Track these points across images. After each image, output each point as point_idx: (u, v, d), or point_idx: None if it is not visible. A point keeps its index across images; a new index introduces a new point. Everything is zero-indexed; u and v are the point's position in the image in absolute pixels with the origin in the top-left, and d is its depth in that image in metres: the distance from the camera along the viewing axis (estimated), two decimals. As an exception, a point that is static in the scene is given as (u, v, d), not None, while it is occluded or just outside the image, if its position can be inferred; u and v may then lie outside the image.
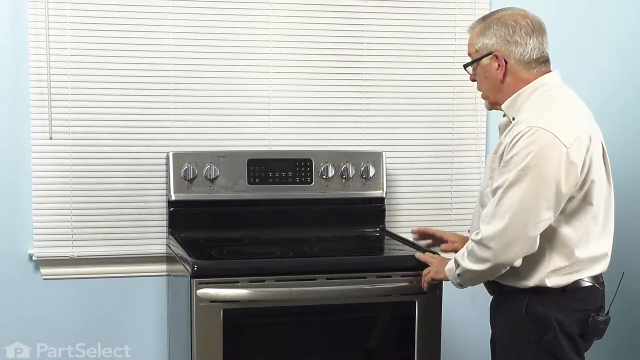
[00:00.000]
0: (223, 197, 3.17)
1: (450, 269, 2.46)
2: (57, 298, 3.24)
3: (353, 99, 3.41)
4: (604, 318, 2.35)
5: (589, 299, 2.35)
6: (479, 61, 2.40)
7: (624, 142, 3.60)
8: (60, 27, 3.11)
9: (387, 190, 3.33)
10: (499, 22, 2.37)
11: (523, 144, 2.21)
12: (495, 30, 2.36)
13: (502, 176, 2.26)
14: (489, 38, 2.37)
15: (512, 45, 2.34)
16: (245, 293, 2.64)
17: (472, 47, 2.43)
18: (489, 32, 2.37)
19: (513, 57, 2.35)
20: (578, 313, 2.32)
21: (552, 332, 2.31)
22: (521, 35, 2.34)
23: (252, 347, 2.75)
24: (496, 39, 2.36)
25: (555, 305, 2.31)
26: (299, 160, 3.25)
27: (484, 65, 2.40)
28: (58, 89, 3.13)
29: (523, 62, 2.36)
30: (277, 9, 3.30)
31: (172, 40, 3.22)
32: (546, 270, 2.30)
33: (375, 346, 2.84)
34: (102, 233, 3.22)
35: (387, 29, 3.41)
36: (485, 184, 2.42)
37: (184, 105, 3.26)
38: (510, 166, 2.24)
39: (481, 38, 2.39)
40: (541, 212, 2.21)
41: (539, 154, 2.19)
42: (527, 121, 2.25)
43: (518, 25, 2.35)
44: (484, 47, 2.38)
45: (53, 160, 3.16)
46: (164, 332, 3.33)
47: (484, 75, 2.41)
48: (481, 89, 2.47)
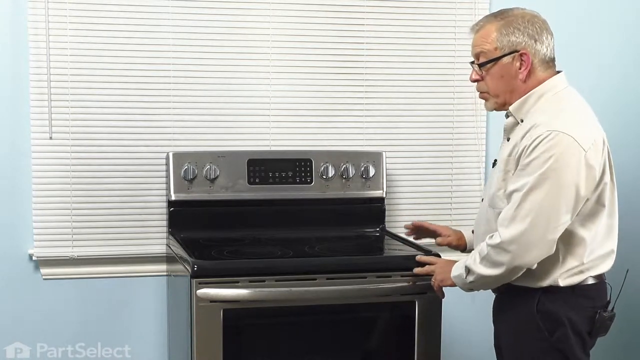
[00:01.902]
0: (223, 197, 3.17)
1: (459, 275, 2.43)
2: (57, 298, 3.24)
3: (353, 99, 3.40)
4: (610, 314, 2.35)
5: (597, 296, 2.36)
6: (499, 60, 2.32)
7: (627, 140, 3.61)
8: (60, 27, 3.11)
9: (387, 190, 3.33)
10: (523, 19, 2.30)
11: (544, 147, 2.19)
12: (523, 27, 2.29)
13: (520, 179, 2.24)
14: (515, 35, 2.29)
15: (539, 43, 2.30)
16: (245, 293, 2.64)
17: (490, 45, 2.31)
18: (513, 28, 2.29)
19: (537, 56, 2.31)
20: (587, 310, 2.33)
21: (561, 329, 2.31)
22: (544, 34, 2.31)
23: (252, 347, 2.75)
24: (523, 36, 2.29)
25: (565, 303, 2.31)
26: (299, 160, 3.25)
27: (504, 64, 2.32)
28: (58, 89, 3.13)
29: (544, 62, 2.33)
30: (277, 9, 3.30)
31: (172, 40, 3.22)
32: (560, 271, 2.30)
33: (375, 346, 2.84)
34: (102, 233, 3.22)
35: (387, 29, 3.40)
36: (498, 186, 2.37)
37: (184, 105, 3.26)
38: (529, 169, 2.22)
39: (505, 35, 2.29)
40: (561, 216, 2.21)
41: (559, 158, 2.18)
42: (546, 124, 2.22)
43: (541, 23, 2.31)
44: (509, 44, 2.29)
45: (53, 160, 3.16)
46: (164, 332, 3.33)
47: (499, 74, 2.33)
48: (492, 88, 2.37)
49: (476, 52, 2.38)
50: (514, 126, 2.37)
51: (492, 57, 2.33)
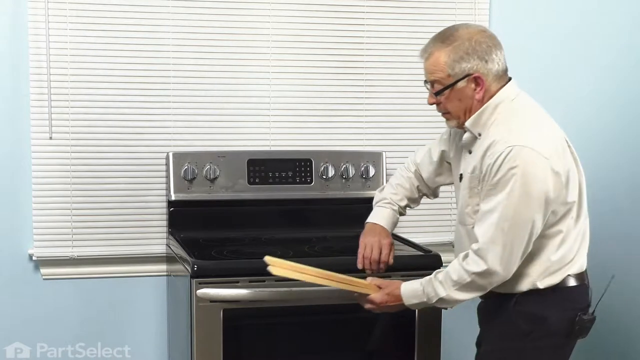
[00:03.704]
0: (223, 197, 3.17)
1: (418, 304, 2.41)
2: (57, 298, 3.24)
3: (353, 99, 3.40)
4: (590, 317, 2.35)
5: (577, 298, 2.36)
6: (454, 85, 2.31)
7: (627, 140, 3.62)
8: (60, 27, 3.11)
9: (387, 190, 3.33)
10: (470, 42, 2.27)
11: (507, 165, 2.19)
12: (471, 50, 2.27)
13: (491, 200, 2.24)
14: (465, 61, 2.27)
15: (490, 62, 2.28)
16: (245, 293, 2.64)
17: (442, 72, 2.30)
18: (463, 53, 2.27)
19: (490, 75, 2.30)
20: (567, 312, 2.33)
21: (538, 330, 2.31)
22: (493, 50, 2.29)
23: (252, 347, 2.75)
24: (474, 59, 2.27)
25: (544, 304, 2.32)
26: (299, 160, 3.25)
27: (460, 89, 2.30)
28: (58, 89, 3.13)
29: (498, 77, 2.32)
30: (277, 9, 3.30)
31: (172, 40, 3.22)
32: (537, 273, 2.31)
33: (375, 346, 2.84)
34: (102, 233, 3.22)
35: (387, 29, 3.40)
36: (466, 203, 2.39)
37: (184, 105, 3.26)
38: (499, 188, 2.22)
39: (455, 61, 2.28)
40: (535, 227, 2.23)
41: (524, 171, 2.18)
42: (504, 141, 2.22)
43: (488, 41, 2.29)
44: (460, 70, 2.28)
45: (53, 160, 3.16)
46: (164, 332, 3.33)
47: (457, 98, 2.32)
48: (451, 110, 2.37)
49: (430, 80, 2.37)
50: (472, 140, 2.37)
51: (447, 84, 2.32)
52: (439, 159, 2.67)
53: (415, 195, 2.76)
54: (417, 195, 2.76)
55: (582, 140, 3.62)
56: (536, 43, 3.54)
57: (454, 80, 2.30)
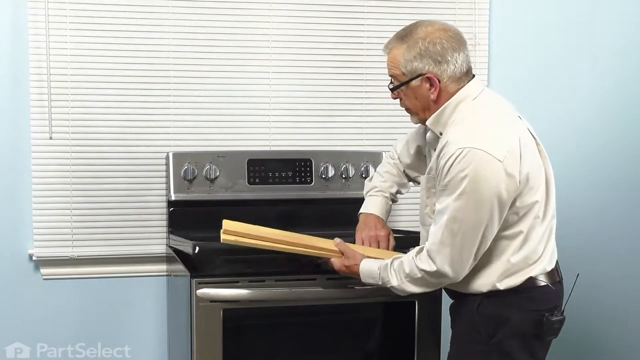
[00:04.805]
0: (223, 197, 3.17)
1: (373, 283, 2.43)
2: (57, 298, 3.24)
3: (353, 99, 3.41)
4: (559, 318, 2.31)
5: (543, 299, 2.32)
6: (409, 83, 2.31)
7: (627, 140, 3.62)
8: (60, 27, 3.12)
9: (387, 190, 3.33)
10: (424, 42, 2.26)
11: (458, 167, 2.17)
12: (423, 51, 2.26)
13: (443, 201, 2.23)
14: (418, 60, 2.27)
15: (444, 64, 2.27)
16: (245, 293, 2.64)
17: (397, 69, 2.31)
18: (415, 53, 2.27)
19: (446, 76, 2.28)
20: (531, 313, 2.30)
21: (502, 332, 2.29)
22: (449, 53, 2.27)
23: (252, 347, 2.75)
24: (426, 60, 2.27)
25: (507, 305, 2.30)
26: (299, 160, 3.25)
27: (414, 87, 2.31)
28: (58, 89, 3.13)
29: (455, 79, 2.30)
30: (277, 9, 3.31)
31: (172, 40, 3.22)
32: (496, 274, 2.29)
33: (375, 346, 2.84)
34: (102, 233, 3.22)
35: (387, 29, 3.38)
36: (425, 204, 2.40)
37: (184, 105, 3.26)
38: (449, 190, 2.20)
39: (408, 60, 2.28)
40: (488, 230, 2.21)
41: (475, 174, 2.16)
42: (456, 142, 2.20)
43: (445, 43, 2.27)
44: (413, 69, 2.28)
45: (53, 160, 3.16)
46: (164, 332, 3.33)
47: (413, 95, 2.33)
48: (410, 107, 2.38)
49: (389, 75, 2.39)
50: (436, 139, 2.36)
51: (402, 81, 2.33)
52: (415, 152, 2.69)
53: (404, 180, 2.76)
54: (406, 180, 2.77)
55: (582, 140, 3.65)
56: (536, 43, 3.54)
57: (408, 79, 2.31)
